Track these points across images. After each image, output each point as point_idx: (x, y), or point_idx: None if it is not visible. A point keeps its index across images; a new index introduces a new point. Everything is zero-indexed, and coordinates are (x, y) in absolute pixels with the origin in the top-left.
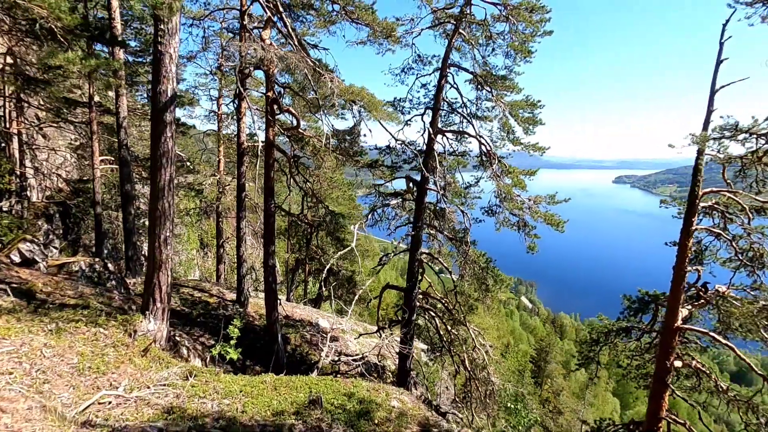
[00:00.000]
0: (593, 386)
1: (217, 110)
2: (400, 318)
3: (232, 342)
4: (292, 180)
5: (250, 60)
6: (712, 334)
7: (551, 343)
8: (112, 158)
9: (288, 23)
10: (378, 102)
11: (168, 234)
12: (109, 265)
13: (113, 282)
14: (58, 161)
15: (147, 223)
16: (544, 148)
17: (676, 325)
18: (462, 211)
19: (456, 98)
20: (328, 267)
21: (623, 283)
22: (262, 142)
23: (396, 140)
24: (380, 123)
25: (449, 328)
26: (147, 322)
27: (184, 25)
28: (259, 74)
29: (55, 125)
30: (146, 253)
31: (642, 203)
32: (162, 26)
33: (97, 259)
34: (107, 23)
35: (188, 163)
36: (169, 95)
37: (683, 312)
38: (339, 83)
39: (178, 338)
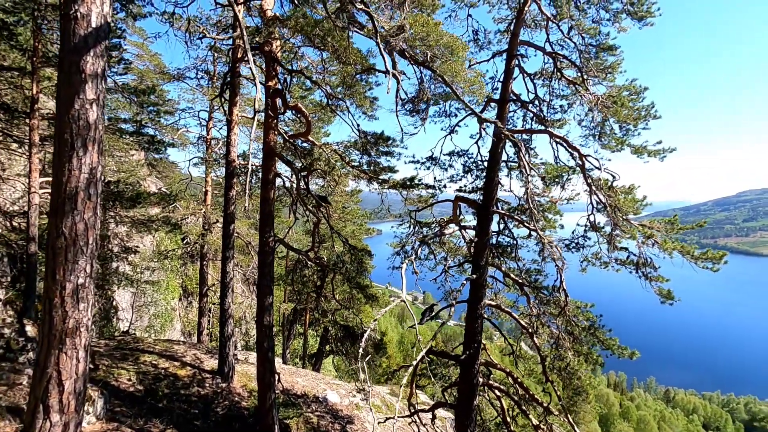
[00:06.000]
0: None
1: (206, 135)
2: (440, 393)
3: None
4: (298, 204)
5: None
6: None
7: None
8: None
9: None
10: (463, 46)
11: (82, 281)
12: (28, 328)
13: (31, 354)
14: (12, 194)
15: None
16: (667, 149)
17: None
18: (549, 242)
19: (520, 93)
20: (367, 334)
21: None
22: (257, 152)
23: (481, 120)
24: (453, 92)
25: (537, 422)
26: None
27: (159, 16)
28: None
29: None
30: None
31: None
32: None
33: (8, 320)
34: None
35: (168, 195)
36: (93, 24)
37: None
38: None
39: None
